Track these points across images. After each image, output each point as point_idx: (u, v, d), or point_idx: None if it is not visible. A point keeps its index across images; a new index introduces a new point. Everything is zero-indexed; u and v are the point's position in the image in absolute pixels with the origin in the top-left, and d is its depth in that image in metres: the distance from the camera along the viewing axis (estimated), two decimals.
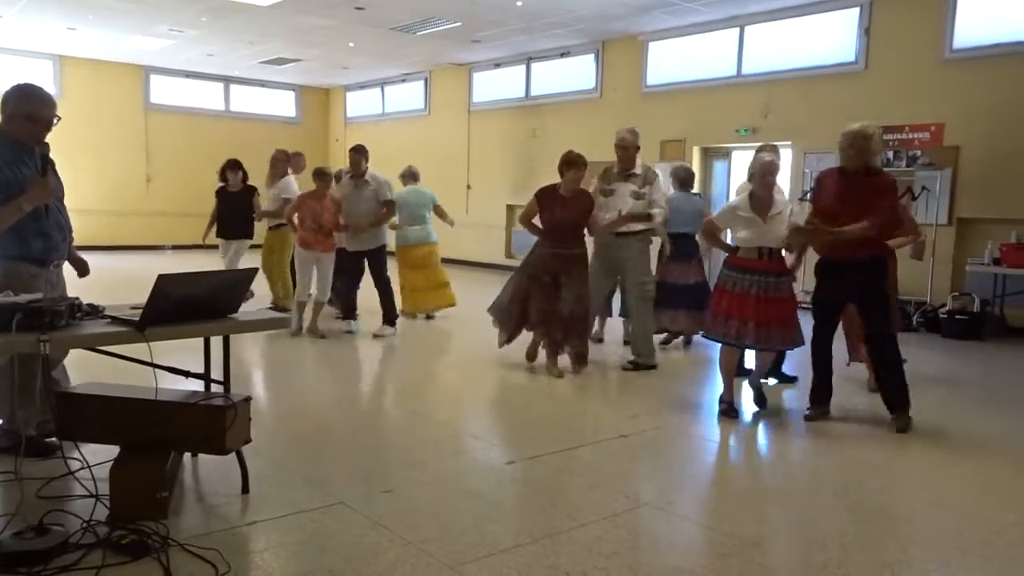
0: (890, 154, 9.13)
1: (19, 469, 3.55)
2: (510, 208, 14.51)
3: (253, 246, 8.82)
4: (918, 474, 4.09)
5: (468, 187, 14.95)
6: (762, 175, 4.86)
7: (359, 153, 7.38)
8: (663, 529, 3.27)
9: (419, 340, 7.65)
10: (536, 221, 6.05)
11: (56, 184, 3.77)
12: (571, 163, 5.90)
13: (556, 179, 6.01)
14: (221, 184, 8.75)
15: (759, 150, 5.61)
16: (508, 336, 6.24)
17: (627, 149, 6.28)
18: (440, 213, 8.71)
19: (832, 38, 9.84)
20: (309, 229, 7.14)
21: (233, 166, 8.65)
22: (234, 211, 8.59)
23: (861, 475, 3.99)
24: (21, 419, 3.60)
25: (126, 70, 16.18)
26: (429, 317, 8.66)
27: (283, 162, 8.46)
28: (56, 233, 3.76)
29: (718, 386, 5.91)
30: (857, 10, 9.50)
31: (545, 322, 5.98)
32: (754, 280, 4.81)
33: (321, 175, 7.24)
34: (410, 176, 8.70)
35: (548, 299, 5.92)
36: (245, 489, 3.44)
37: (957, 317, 8.15)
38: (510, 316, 6.16)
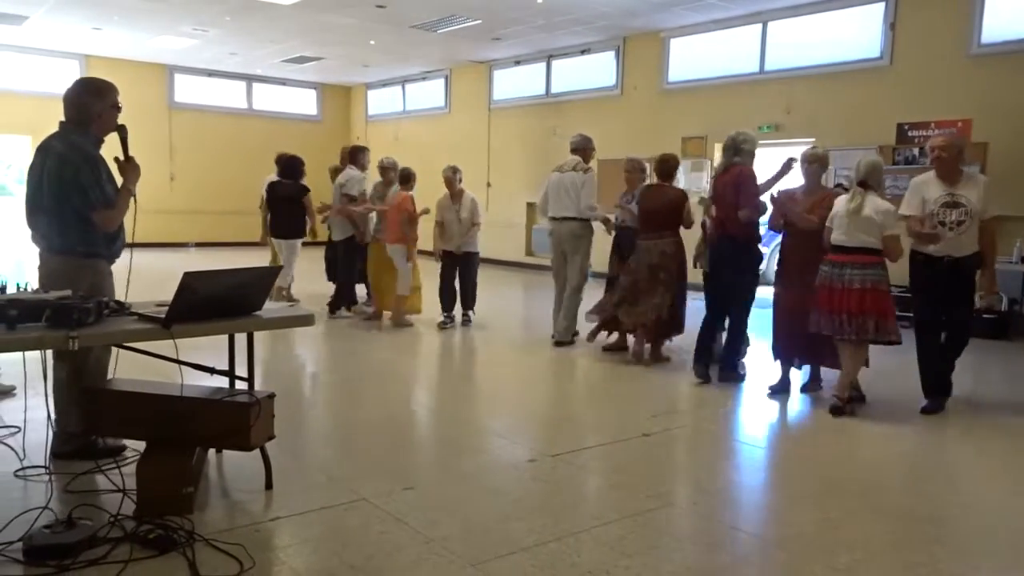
0: (915, 151, 9.02)
1: (49, 464, 3.62)
2: (530, 206, 14.48)
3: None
4: (945, 476, 4.04)
5: (488, 185, 14.94)
6: None
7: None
8: (686, 529, 3.25)
9: (440, 338, 7.66)
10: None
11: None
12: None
13: None
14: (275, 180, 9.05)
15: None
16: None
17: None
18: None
19: (856, 33, 9.72)
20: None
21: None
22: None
23: (887, 477, 3.95)
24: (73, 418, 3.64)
25: (150, 69, 16.34)
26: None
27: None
28: (122, 231, 3.83)
29: (740, 388, 5.87)
30: (882, 5, 9.37)
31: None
32: None
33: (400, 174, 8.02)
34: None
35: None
36: (269, 485, 3.47)
37: (984, 316, 8.03)
38: None
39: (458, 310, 8.03)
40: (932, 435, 4.77)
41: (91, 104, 3.68)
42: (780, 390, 5.49)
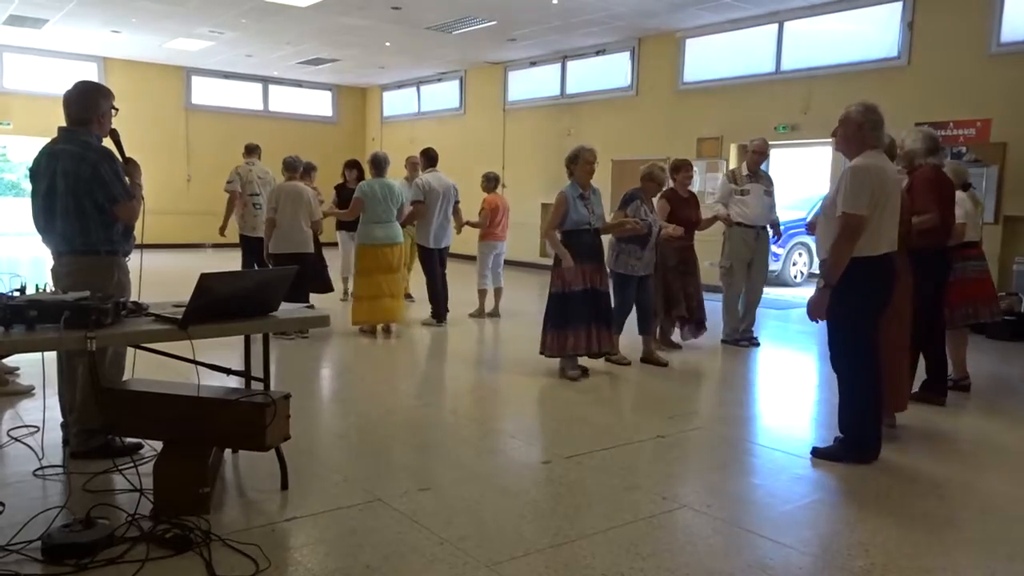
0: None
1: (67, 463, 3.65)
2: (544, 207, 14.48)
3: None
4: (964, 480, 3.99)
5: (503, 186, 14.96)
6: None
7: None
8: (701, 531, 3.24)
9: (455, 339, 7.67)
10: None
11: None
12: (684, 166, 6.92)
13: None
14: (341, 182, 9.20)
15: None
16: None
17: (762, 154, 7.31)
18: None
19: (874, 33, 9.66)
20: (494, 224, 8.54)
21: (351, 165, 9.06)
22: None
23: (905, 480, 3.91)
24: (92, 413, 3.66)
25: (167, 71, 16.48)
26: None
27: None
28: (133, 226, 3.90)
29: (755, 389, 5.87)
30: (900, 4, 9.30)
31: (683, 304, 6.84)
32: None
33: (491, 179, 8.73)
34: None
35: (684, 285, 6.84)
36: (284, 485, 3.49)
37: (1004, 318, 7.95)
38: (659, 313, 6.80)
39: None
40: (949, 439, 4.72)
41: (99, 102, 3.74)
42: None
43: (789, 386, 6.11)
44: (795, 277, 12.43)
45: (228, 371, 3.68)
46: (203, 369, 3.49)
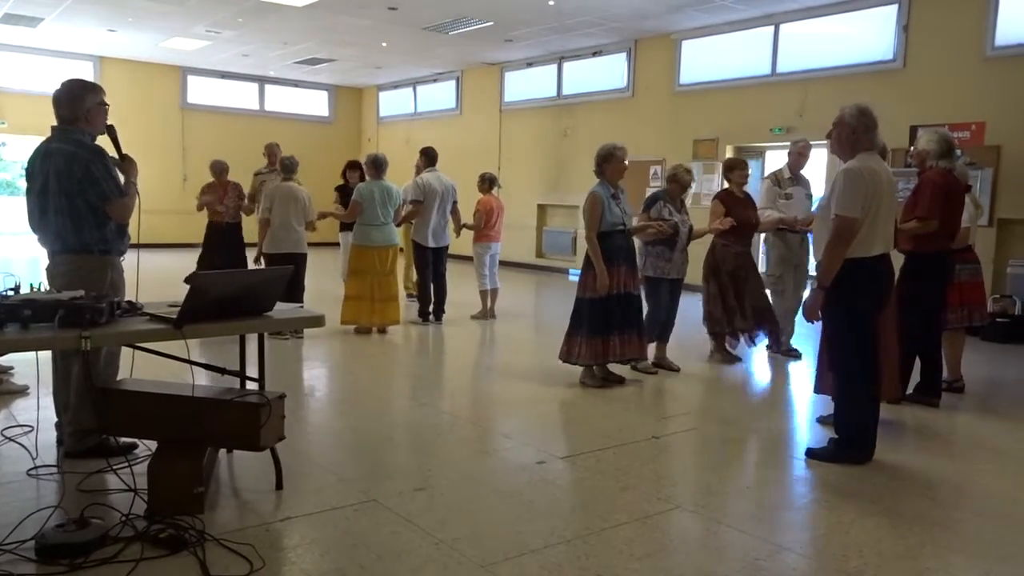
0: None
1: (61, 463, 3.64)
2: (541, 208, 14.50)
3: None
4: (958, 481, 4.00)
5: (499, 186, 14.95)
6: None
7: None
8: (696, 532, 3.24)
9: (452, 340, 7.67)
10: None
11: None
12: (739, 165, 6.68)
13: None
14: (342, 183, 9.18)
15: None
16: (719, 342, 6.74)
17: (806, 156, 7.02)
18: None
19: (870, 35, 9.68)
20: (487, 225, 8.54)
21: (353, 166, 9.09)
22: None
23: (899, 481, 3.92)
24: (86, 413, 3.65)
25: (164, 71, 16.45)
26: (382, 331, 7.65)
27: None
28: (128, 225, 3.88)
29: (750, 392, 5.87)
30: (895, 7, 9.33)
31: (745, 313, 6.50)
32: None
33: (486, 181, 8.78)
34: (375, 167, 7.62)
35: (747, 292, 6.49)
36: (279, 485, 3.48)
37: (998, 320, 7.98)
38: (720, 321, 6.56)
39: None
40: (943, 440, 4.73)
41: (84, 98, 3.72)
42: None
43: (784, 387, 6.12)
44: None
45: (223, 371, 3.67)
46: (198, 369, 3.49)
